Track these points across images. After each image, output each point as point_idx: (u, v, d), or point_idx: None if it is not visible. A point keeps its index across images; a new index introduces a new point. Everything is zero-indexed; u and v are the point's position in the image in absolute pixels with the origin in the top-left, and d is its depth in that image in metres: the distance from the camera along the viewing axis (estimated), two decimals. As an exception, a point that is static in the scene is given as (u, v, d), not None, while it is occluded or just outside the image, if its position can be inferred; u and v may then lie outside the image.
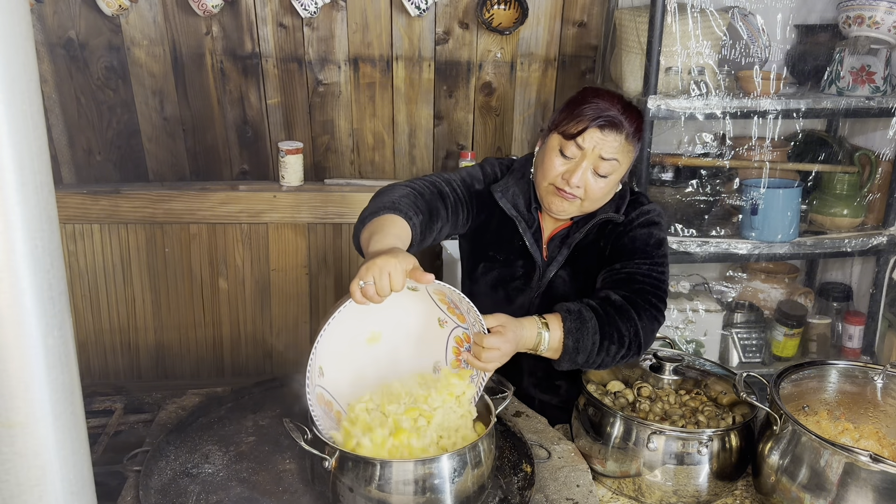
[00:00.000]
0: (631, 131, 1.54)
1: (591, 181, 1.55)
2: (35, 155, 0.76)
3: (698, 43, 2.47)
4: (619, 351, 1.46)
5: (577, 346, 1.43)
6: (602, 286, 1.57)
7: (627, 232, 1.63)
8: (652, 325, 1.51)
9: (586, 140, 1.53)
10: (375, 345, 1.36)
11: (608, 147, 1.53)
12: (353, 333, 1.33)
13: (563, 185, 1.56)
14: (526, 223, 1.67)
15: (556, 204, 1.60)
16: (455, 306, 1.33)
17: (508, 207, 1.66)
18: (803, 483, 1.25)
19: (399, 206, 1.49)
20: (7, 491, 0.80)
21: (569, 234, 1.67)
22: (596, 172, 1.55)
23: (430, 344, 1.39)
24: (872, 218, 2.76)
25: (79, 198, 2.81)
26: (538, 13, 2.83)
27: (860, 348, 2.83)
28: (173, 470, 1.34)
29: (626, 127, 1.53)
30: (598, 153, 1.53)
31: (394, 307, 1.27)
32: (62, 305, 0.81)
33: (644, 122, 1.60)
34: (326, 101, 2.91)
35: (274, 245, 2.95)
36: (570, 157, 1.55)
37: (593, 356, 1.45)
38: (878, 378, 1.45)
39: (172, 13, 2.70)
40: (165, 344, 3.00)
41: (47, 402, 0.80)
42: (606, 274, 1.59)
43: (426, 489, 1.18)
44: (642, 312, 1.49)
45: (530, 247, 1.67)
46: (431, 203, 1.57)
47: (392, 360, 1.38)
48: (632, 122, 1.54)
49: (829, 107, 2.56)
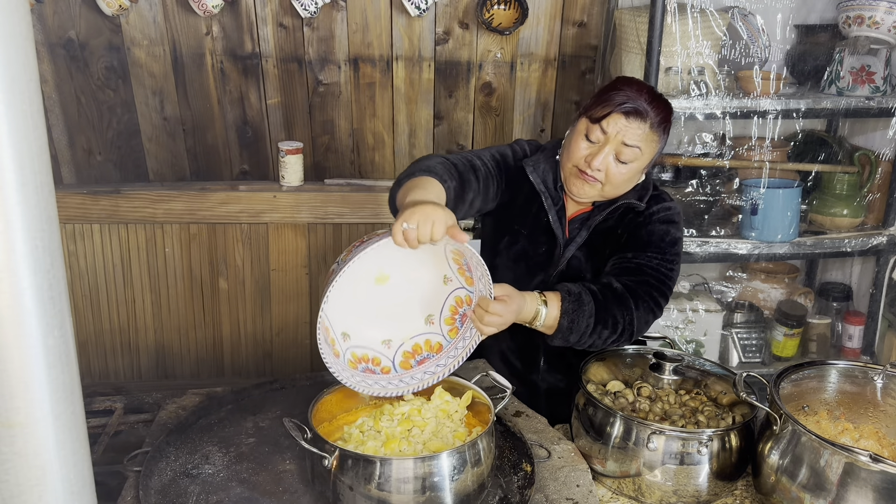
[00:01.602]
0: (656, 121, 1.57)
1: (612, 166, 1.59)
2: (35, 155, 0.76)
3: (698, 43, 2.48)
4: (611, 336, 1.54)
5: (570, 327, 1.50)
6: (609, 271, 1.62)
7: (646, 224, 1.67)
8: (647, 316, 1.56)
9: (610, 125, 1.56)
10: (380, 285, 1.40)
11: (631, 134, 1.56)
12: (367, 268, 1.36)
13: (585, 167, 1.60)
14: (552, 200, 1.71)
15: (577, 186, 1.65)
16: (467, 268, 1.39)
17: (538, 182, 1.71)
18: (803, 483, 1.25)
19: (435, 170, 1.55)
20: (7, 491, 0.80)
21: (590, 217, 1.71)
22: (618, 158, 1.59)
23: (430, 297, 1.44)
24: (872, 218, 2.76)
25: (79, 198, 2.81)
26: (538, 13, 2.83)
27: (860, 348, 2.83)
28: (173, 470, 1.34)
29: (650, 116, 1.56)
30: (621, 139, 1.56)
31: (412, 255, 1.32)
32: (62, 305, 0.81)
33: (672, 114, 1.63)
34: (326, 101, 2.91)
35: (274, 245, 2.95)
36: (594, 141, 1.59)
37: (585, 337, 1.52)
38: (878, 378, 1.45)
39: (172, 13, 2.70)
40: (165, 344, 3.01)
41: (47, 402, 0.80)
42: (616, 260, 1.64)
43: (426, 487, 1.19)
44: (640, 303, 1.54)
45: (553, 224, 1.71)
46: (464, 174, 1.63)
47: (391, 303, 1.42)
48: (658, 112, 1.57)
49: (828, 107, 2.56)
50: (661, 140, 1.62)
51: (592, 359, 1.60)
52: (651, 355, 1.59)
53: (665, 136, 1.63)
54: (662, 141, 1.63)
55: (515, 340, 1.80)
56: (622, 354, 1.64)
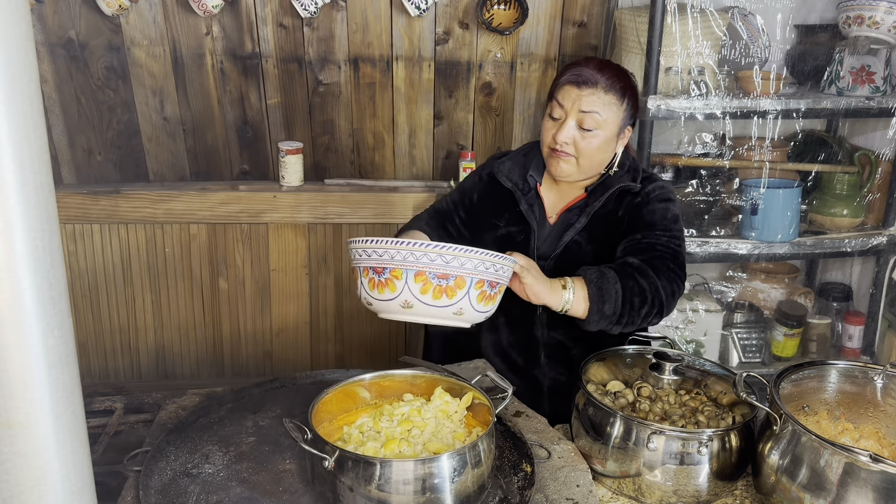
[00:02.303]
0: (608, 85, 1.65)
1: (578, 138, 1.67)
2: (35, 155, 0.76)
3: (698, 43, 2.48)
4: (643, 306, 1.56)
5: (601, 295, 1.53)
6: (622, 255, 1.67)
7: (645, 204, 1.72)
8: (672, 287, 1.60)
9: (565, 98, 1.66)
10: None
11: (586, 101, 1.65)
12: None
13: (554, 144, 1.70)
14: (521, 191, 1.81)
15: (554, 166, 1.73)
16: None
17: (504, 180, 1.84)
18: (803, 483, 1.25)
19: (418, 227, 1.86)
20: (7, 491, 0.80)
21: (587, 203, 1.77)
22: (581, 127, 1.66)
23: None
24: (872, 218, 2.76)
25: (79, 198, 2.81)
26: (538, 13, 2.83)
27: (860, 348, 2.83)
28: (173, 470, 1.34)
29: (601, 81, 1.64)
30: (579, 107, 1.65)
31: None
32: (62, 305, 0.81)
33: (629, 79, 1.71)
34: (326, 101, 2.91)
35: (274, 245, 2.95)
36: (557, 118, 1.70)
37: (618, 307, 1.54)
38: (878, 378, 1.45)
39: (172, 13, 2.70)
40: (165, 344, 3.01)
41: (47, 402, 0.80)
42: (627, 243, 1.69)
43: (426, 489, 1.19)
44: (661, 274, 1.59)
45: (525, 212, 1.79)
46: (441, 220, 1.92)
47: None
48: (608, 77, 1.66)
49: (828, 107, 2.56)
50: (621, 104, 1.67)
51: (592, 359, 1.60)
52: (651, 355, 1.59)
53: (627, 101, 1.69)
54: (626, 106, 1.69)
55: (515, 335, 1.81)
56: (622, 354, 1.64)
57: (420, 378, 1.47)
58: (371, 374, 1.45)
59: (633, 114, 1.73)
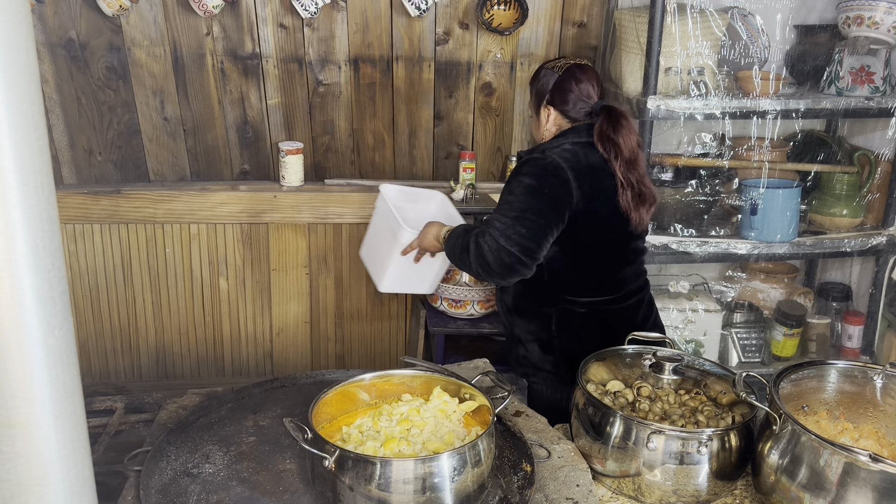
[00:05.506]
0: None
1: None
2: (36, 155, 0.76)
3: (698, 43, 2.48)
4: (466, 256, 1.89)
5: (449, 241, 1.98)
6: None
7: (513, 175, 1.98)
8: (480, 250, 1.83)
9: None
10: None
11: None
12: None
13: None
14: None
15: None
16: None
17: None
18: (803, 483, 1.25)
19: None
20: (7, 491, 0.80)
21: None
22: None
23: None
24: (872, 218, 2.76)
25: (79, 198, 2.81)
26: (538, 13, 2.83)
27: (860, 348, 2.83)
28: (174, 470, 1.34)
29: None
30: None
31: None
32: (63, 305, 0.81)
33: (536, 73, 2.00)
34: (327, 101, 2.91)
35: (274, 245, 2.96)
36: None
37: (456, 252, 1.95)
38: (878, 378, 1.45)
39: (173, 13, 2.70)
40: (166, 344, 3.01)
41: (48, 401, 0.80)
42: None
43: (426, 488, 1.19)
44: (481, 237, 1.85)
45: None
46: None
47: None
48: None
49: (828, 107, 2.56)
50: (531, 88, 2.01)
51: (592, 359, 1.60)
52: (651, 355, 1.59)
53: (532, 86, 2.00)
54: (532, 89, 2.00)
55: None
56: (622, 354, 1.64)
57: (420, 378, 1.47)
58: (371, 374, 1.45)
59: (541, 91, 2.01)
